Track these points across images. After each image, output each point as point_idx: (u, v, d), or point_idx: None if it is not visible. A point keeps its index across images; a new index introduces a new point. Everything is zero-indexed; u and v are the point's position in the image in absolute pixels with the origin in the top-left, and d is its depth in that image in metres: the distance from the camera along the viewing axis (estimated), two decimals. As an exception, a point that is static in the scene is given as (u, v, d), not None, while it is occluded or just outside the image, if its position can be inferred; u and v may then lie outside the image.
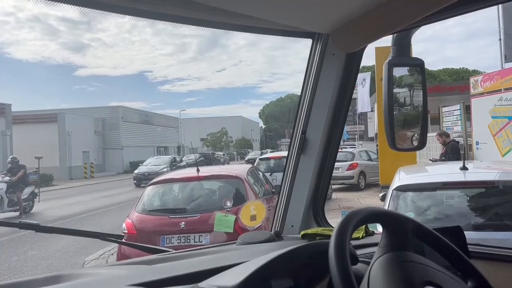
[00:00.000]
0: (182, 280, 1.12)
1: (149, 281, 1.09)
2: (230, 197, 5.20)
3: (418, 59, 1.64)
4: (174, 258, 1.46)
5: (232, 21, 1.54)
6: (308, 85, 1.81)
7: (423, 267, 0.86)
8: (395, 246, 0.89)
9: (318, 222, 1.87)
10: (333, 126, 1.82)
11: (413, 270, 0.84)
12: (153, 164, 26.01)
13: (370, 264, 0.89)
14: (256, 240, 1.61)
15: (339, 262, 0.75)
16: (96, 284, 1.14)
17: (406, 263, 0.85)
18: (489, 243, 3.07)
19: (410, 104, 1.67)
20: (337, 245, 0.77)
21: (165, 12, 1.42)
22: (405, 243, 0.90)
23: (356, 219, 0.85)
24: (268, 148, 62.46)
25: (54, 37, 75.21)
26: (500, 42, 12.22)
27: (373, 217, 0.90)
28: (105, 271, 1.33)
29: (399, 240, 0.90)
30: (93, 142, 36.60)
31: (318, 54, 1.74)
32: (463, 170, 3.87)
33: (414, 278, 0.82)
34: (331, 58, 1.73)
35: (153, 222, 5.23)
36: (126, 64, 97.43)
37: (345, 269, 0.74)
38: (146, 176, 22.00)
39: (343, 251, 0.76)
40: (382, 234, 0.93)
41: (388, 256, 0.87)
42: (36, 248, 8.44)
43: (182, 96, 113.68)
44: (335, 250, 0.76)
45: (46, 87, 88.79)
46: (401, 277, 0.82)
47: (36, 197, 14.15)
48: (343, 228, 0.81)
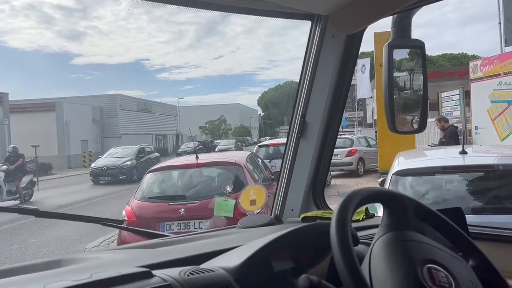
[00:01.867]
0: (183, 262, 1.12)
1: (150, 264, 1.09)
2: (229, 182, 5.21)
3: (419, 41, 1.62)
4: (175, 242, 1.46)
5: (231, 3, 1.52)
6: (307, 68, 1.79)
7: (424, 246, 0.85)
8: (396, 226, 0.89)
9: (318, 205, 1.87)
10: (333, 109, 1.81)
11: (414, 249, 0.83)
12: (114, 156, 20.72)
13: (371, 244, 0.89)
14: (256, 223, 1.61)
15: (341, 241, 0.74)
16: (97, 267, 1.14)
17: (407, 242, 0.85)
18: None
19: (410, 87, 1.66)
20: (339, 224, 0.77)
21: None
22: (406, 222, 0.90)
23: (357, 198, 0.84)
24: (267, 135, 62.49)
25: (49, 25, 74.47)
26: (500, 26, 12.14)
27: (374, 197, 0.90)
28: (106, 255, 1.33)
29: (400, 220, 0.89)
30: (91, 131, 36.53)
31: (318, 37, 1.72)
32: (462, 154, 3.88)
33: (415, 256, 0.81)
34: (330, 40, 1.70)
35: (153, 209, 5.25)
36: (123, 52, 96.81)
37: (347, 247, 0.74)
38: (104, 171, 18.66)
39: (345, 230, 0.76)
40: (383, 213, 0.92)
41: (389, 236, 0.87)
42: (37, 236, 8.47)
43: (180, 84, 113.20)
44: (337, 228, 0.76)
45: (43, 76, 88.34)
46: (402, 255, 0.82)
47: (35, 185, 14.17)
48: (345, 208, 0.81)
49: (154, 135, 45.00)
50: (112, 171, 18.79)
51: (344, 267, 0.72)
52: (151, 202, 5.36)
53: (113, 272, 0.79)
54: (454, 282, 0.79)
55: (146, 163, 19.87)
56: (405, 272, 0.78)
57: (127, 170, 19.12)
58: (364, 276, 0.73)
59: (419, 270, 0.78)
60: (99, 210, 11.67)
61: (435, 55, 46.06)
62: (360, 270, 0.73)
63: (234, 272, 0.90)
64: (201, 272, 0.87)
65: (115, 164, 19.20)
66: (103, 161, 19.83)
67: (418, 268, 0.78)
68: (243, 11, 1.63)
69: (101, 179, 18.72)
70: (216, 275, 0.88)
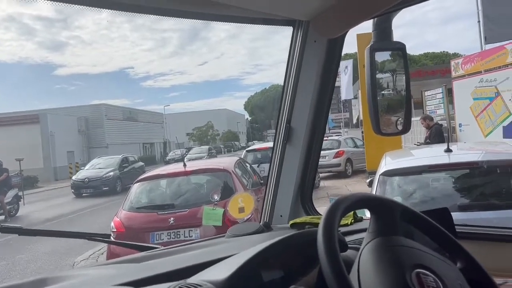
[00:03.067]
0: (171, 276, 1.10)
1: (137, 279, 1.07)
2: (217, 190, 5.19)
3: (400, 43, 1.63)
4: (163, 254, 1.44)
5: (211, 11, 1.51)
6: (290, 73, 1.79)
7: (413, 251, 0.85)
8: (384, 231, 0.89)
9: (307, 210, 1.86)
10: (317, 114, 1.81)
11: (402, 254, 0.83)
12: (96, 167, 19.96)
13: (359, 250, 0.89)
14: (245, 232, 1.60)
15: (328, 249, 0.74)
16: (84, 285, 1.12)
17: (395, 247, 0.85)
18: (475, 223, 3.13)
19: (393, 88, 1.67)
20: (326, 232, 0.76)
21: (143, 5, 1.39)
22: (394, 227, 0.90)
23: (344, 205, 0.84)
24: (255, 139, 62.43)
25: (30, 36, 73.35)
26: (479, 24, 12.37)
27: (360, 203, 0.90)
28: (93, 272, 1.31)
29: (388, 225, 0.89)
30: (77, 142, 36.10)
31: (300, 42, 1.72)
32: (447, 152, 3.92)
33: (404, 261, 0.81)
34: (312, 45, 1.71)
35: (142, 219, 5.19)
36: (106, 61, 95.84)
37: (334, 255, 0.73)
38: (86, 183, 18.03)
39: (332, 238, 0.75)
40: (370, 219, 0.92)
41: (378, 241, 0.86)
42: (24, 251, 8.31)
43: (165, 91, 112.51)
44: (324, 237, 0.75)
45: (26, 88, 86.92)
46: (391, 261, 0.82)
47: (21, 200, 13.91)
48: (331, 215, 0.80)
49: (141, 143, 44.65)
50: (94, 182, 18.15)
51: (331, 275, 0.71)
52: (139, 213, 5.30)
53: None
54: (443, 286, 0.79)
55: (130, 173, 19.46)
56: (394, 277, 0.78)
57: (110, 181, 18.52)
58: (352, 284, 0.72)
59: (408, 275, 0.78)
60: (87, 222, 11.52)
61: (417, 54, 46.69)
62: (347, 278, 0.72)
63: (222, 285, 0.88)
64: (188, 287, 0.86)
65: (97, 175, 18.54)
66: (85, 173, 19.15)
67: (407, 273, 0.78)
68: (223, 19, 1.62)
69: (83, 192, 18.05)
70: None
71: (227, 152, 48.01)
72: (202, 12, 1.53)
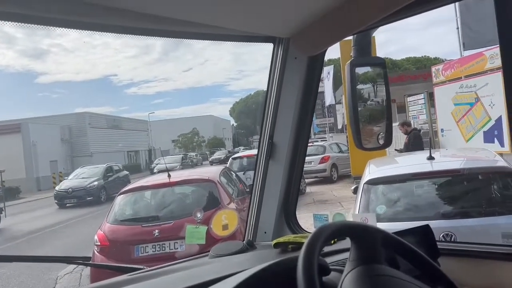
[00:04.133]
0: None
1: None
2: (203, 203, 5.15)
3: (380, 58, 1.65)
4: (145, 277, 1.42)
5: (189, 30, 1.50)
6: (272, 90, 1.79)
7: (394, 280, 0.85)
8: (365, 259, 0.88)
9: (291, 226, 1.86)
10: (299, 129, 1.81)
11: (383, 284, 0.83)
12: (80, 177, 19.49)
13: (341, 278, 0.88)
14: (229, 251, 1.58)
15: (307, 285, 0.73)
16: None
17: (376, 277, 0.84)
18: (459, 230, 3.16)
19: (374, 100, 1.68)
20: (305, 266, 0.75)
21: (118, 24, 1.37)
22: (375, 255, 0.89)
23: (324, 236, 0.83)
24: (241, 145, 62.33)
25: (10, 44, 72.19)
26: (458, 31, 12.61)
27: (340, 232, 0.89)
28: None
29: (369, 253, 0.89)
30: (60, 151, 35.54)
31: (280, 59, 1.73)
32: (430, 160, 3.96)
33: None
34: (293, 62, 1.71)
35: (126, 232, 5.11)
36: (90, 69, 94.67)
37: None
38: (70, 193, 17.63)
39: (311, 273, 0.74)
40: (351, 246, 0.91)
41: (359, 271, 0.86)
42: (5, 266, 8.09)
43: (150, 98, 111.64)
44: (303, 272, 0.74)
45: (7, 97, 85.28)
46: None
47: (2, 212, 13.59)
48: (311, 247, 0.79)
49: (126, 151, 44.18)
50: (78, 192, 17.76)
51: None
52: (123, 225, 5.22)
53: None
54: None
55: (115, 182, 19.16)
56: None
57: (94, 190, 18.14)
58: None
59: None
60: (72, 233, 11.31)
61: (399, 59, 47.37)
62: None
63: None
64: None
65: (81, 185, 18.08)
66: (68, 183, 18.64)
67: None
68: (204, 37, 1.62)
69: (67, 202, 17.63)
70: None
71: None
72: (180, 30, 1.52)
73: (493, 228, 3.16)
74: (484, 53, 9.73)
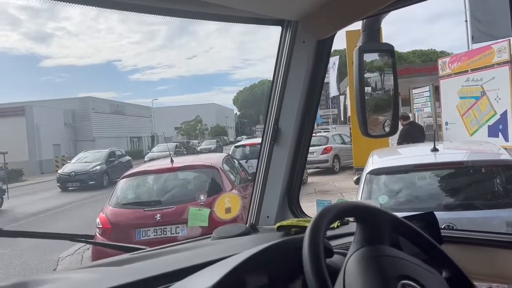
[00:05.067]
0: (155, 281, 1.09)
1: (121, 284, 1.05)
2: (205, 189, 5.16)
3: (388, 45, 1.63)
4: (148, 256, 1.42)
5: (198, 9, 1.49)
6: (279, 74, 1.77)
7: (399, 261, 0.85)
8: (370, 240, 0.88)
9: (294, 212, 1.86)
10: (305, 115, 1.80)
11: (388, 265, 0.83)
12: (83, 161, 19.69)
13: (345, 259, 0.88)
14: (231, 234, 1.58)
15: (313, 262, 0.73)
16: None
17: (381, 258, 0.84)
18: (460, 222, 3.16)
19: (381, 88, 1.66)
20: (311, 244, 0.75)
21: (129, 2, 1.36)
22: (380, 236, 0.89)
23: (330, 215, 0.83)
24: (243, 134, 62.37)
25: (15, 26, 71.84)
26: (467, 24, 12.48)
27: (347, 212, 0.89)
28: (76, 276, 1.28)
29: (374, 234, 0.89)
30: (63, 135, 35.62)
31: (288, 42, 1.71)
32: (434, 152, 3.95)
33: (390, 272, 0.81)
34: (301, 46, 1.69)
35: (128, 215, 5.14)
36: (93, 54, 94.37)
37: (319, 269, 0.72)
38: (72, 177, 17.82)
39: (317, 250, 0.74)
40: (356, 228, 0.91)
41: (363, 251, 0.86)
42: (8, 246, 8.18)
43: (153, 84, 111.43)
44: (309, 250, 0.74)
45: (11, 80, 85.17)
46: (377, 272, 0.81)
47: (5, 193, 13.69)
48: (317, 225, 0.79)
49: (128, 137, 44.26)
50: (81, 176, 17.95)
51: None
52: (126, 209, 5.25)
53: None
54: None
55: (117, 167, 19.28)
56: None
57: (97, 175, 18.34)
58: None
59: (394, 286, 0.77)
60: (74, 216, 11.39)
61: (405, 52, 46.96)
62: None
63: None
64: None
65: (84, 169, 18.29)
66: (71, 167, 18.85)
67: (393, 285, 0.78)
68: (211, 18, 1.60)
69: (69, 186, 17.83)
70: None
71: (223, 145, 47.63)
72: (190, 10, 1.50)
73: (495, 221, 3.16)
74: (492, 46, 9.64)
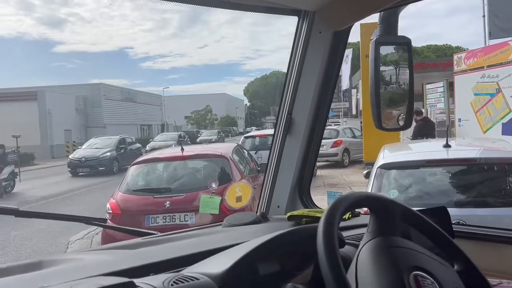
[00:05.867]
0: (167, 265, 1.10)
1: (133, 267, 1.07)
2: (215, 178, 5.19)
3: (405, 38, 1.61)
4: (159, 241, 1.44)
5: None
6: (294, 64, 1.77)
7: (411, 252, 0.85)
8: (383, 231, 0.88)
9: (304, 203, 1.86)
10: (319, 106, 1.80)
11: (401, 255, 0.83)
12: (93, 147, 19.88)
13: (358, 249, 0.88)
14: (242, 222, 1.59)
15: (328, 250, 0.73)
16: (78, 271, 1.12)
17: (394, 248, 0.85)
18: (470, 219, 3.15)
19: (396, 82, 1.65)
20: (326, 232, 0.76)
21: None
22: (393, 228, 0.89)
23: (345, 204, 0.83)
24: (253, 125, 62.37)
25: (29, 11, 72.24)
26: (484, 19, 12.25)
27: (361, 202, 0.89)
28: (88, 257, 1.30)
29: (387, 225, 0.89)
30: (74, 120, 35.94)
31: (304, 32, 1.70)
32: (446, 148, 3.92)
33: (402, 263, 0.81)
34: (317, 36, 1.68)
35: (138, 201, 5.20)
36: (106, 40, 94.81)
37: (334, 257, 0.73)
38: (83, 163, 18.01)
39: (332, 238, 0.75)
40: (370, 218, 0.92)
41: (376, 241, 0.86)
42: (19, 229, 8.34)
43: (165, 73, 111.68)
44: (324, 237, 0.75)
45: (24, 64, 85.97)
46: (389, 262, 0.81)
47: (17, 176, 13.91)
48: (331, 215, 0.80)
49: (139, 125, 44.53)
50: (91, 162, 18.11)
51: (330, 277, 0.71)
52: (135, 195, 5.30)
53: (93, 284, 0.76)
54: None
55: (127, 154, 19.47)
56: (392, 279, 0.78)
57: (107, 161, 18.52)
58: (350, 286, 0.72)
59: (406, 277, 0.78)
60: (83, 201, 11.53)
61: (420, 46, 46.38)
62: (346, 280, 0.72)
63: (219, 279, 0.88)
64: (185, 280, 0.86)
65: (94, 155, 18.44)
66: (82, 152, 19.07)
67: (405, 275, 0.78)
68: (228, 6, 1.59)
69: (80, 171, 18.07)
70: (200, 284, 0.86)
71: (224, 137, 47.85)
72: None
73: (507, 219, 3.14)
74: (509, 42, 9.47)
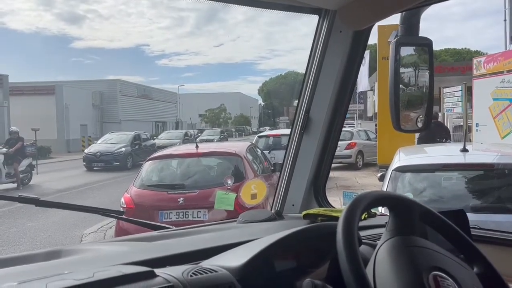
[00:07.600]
0: (184, 257, 1.11)
1: (151, 258, 1.09)
2: (230, 175, 5.21)
3: (427, 39, 1.59)
4: (175, 235, 1.46)
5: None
6: (313, 63, 1.77)
7: (430, 252, 0.85)
8: (402, 231, 0.88)
9: (319, 202, 1.86)
10: (337, 106, 1.79)
11: (420, 255, 0.83)
12: (108, 142, 20.12)
13: (376, 248, 0.88)
14: (257, 218, 1.60)
15: (348, 247, 0.74)
16: (98, 260, 1.14)
17: (413, 248, 0.84)
18: (486, 225, 3.10)
19: (415, 84, 1.64)
20: (346, 230, 0.76)
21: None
22: (412, 227, 0.89)
23: (364, 203, 0.83)
24: (266, 125, 62.38)
25: (48, 7, 73.52)
26: (505, 23, 12.04)
27: (380, 201, 0.89)
28: (106, 247, 1.33)
29: (406, 224, 0.89)
30: (91, 116, 36.42)
31: (325, 31, 1.69)
32: (463, 152, 3.86)
33: (421, 263, 0.81)
34: (337, 36, 1.68)
35: (152, 197, 5.25)
36: (123, 37, 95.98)
37: (354, 254, 0.73)
38: (98, 157, 18.25)
39: (352, 235, 0.75)
40: (389, 217, 0.91)
41: (395, 240, 0.86)
42: (35, 220, 8.49)
43: (180, 71, 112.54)
44: (344, 234, 0.75)
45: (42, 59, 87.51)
46: (408, 262, 0.81)
47: (34, 169, 14.16)
48: (351, 212, 0.80)
49: (153, 121, 44.91)
50: (106, 157, 18.35)
51: (350, 273, 0.71)
52: (150, 190, 5.36)
53: (115, 272, 0.78)
54: None
55: (142, 150, 19.75)
56: (411, 278, 0.78)
57: (121, 156, 18.76)
58: (370, 284, 0.72)
59: (425, 277, 0.78)
60: (97, 195, 11.69)
61: (438, 50, 45.78)
62: (366, 277, 0.72)
63: (237, 272, 0.89)
64: (204, 272, 0.87)
65: (109, 150, 18.71)
66: (97, 147, 19.32)
67: (424, 275, 0.78)
68: (248, 3, 1.60)
69: (94, 165, 18.33)
70: (219, 276, 0.87)
71: (238, 136, 48.00)
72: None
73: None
74: (531, 47, 9.29)
